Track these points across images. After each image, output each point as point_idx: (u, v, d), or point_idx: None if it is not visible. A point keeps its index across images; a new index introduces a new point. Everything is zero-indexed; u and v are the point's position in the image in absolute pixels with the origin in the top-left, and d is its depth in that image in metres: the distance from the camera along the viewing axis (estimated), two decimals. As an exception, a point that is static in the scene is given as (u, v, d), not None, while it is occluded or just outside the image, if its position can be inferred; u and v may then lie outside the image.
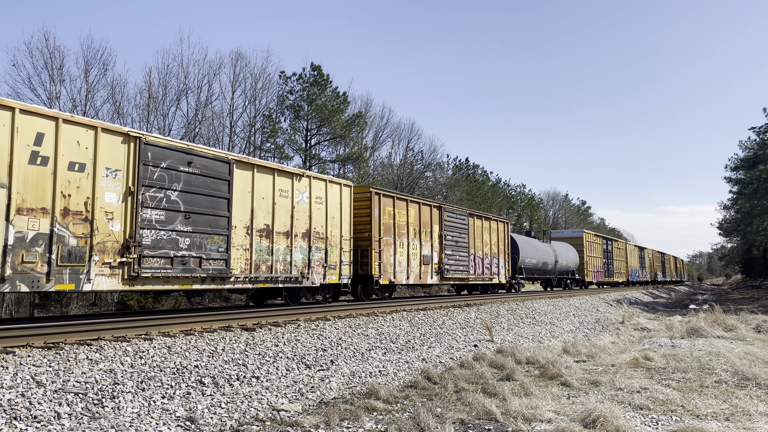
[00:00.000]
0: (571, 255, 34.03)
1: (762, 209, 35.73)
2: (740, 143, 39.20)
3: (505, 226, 25.89)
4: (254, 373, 7.76)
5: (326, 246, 14.82)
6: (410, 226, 18.52)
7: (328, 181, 15.19)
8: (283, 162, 28.35)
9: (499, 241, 24.97)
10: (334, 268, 15.13)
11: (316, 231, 14.55)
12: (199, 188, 11.36)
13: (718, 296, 45.20)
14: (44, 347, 7.31)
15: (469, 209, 23.58)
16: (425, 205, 19.71)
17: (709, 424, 6.27)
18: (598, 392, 7.98)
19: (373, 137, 35.99)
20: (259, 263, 12.75)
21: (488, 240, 23.96)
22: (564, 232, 40.04)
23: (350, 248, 15.75)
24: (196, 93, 25.45)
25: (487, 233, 23.91)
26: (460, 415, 6.57)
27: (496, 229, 24.87)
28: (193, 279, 11.14)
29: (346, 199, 15.85)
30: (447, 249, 20.55)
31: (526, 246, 28.44)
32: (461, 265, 21.50)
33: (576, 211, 78.08)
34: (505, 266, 25.52)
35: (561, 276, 33.27)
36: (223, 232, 11.77)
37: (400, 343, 11.12)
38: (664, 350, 11.57)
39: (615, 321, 20.12)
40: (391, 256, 17.40)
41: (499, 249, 25.04)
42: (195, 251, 11.13)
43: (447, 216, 20.80)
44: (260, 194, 12.88)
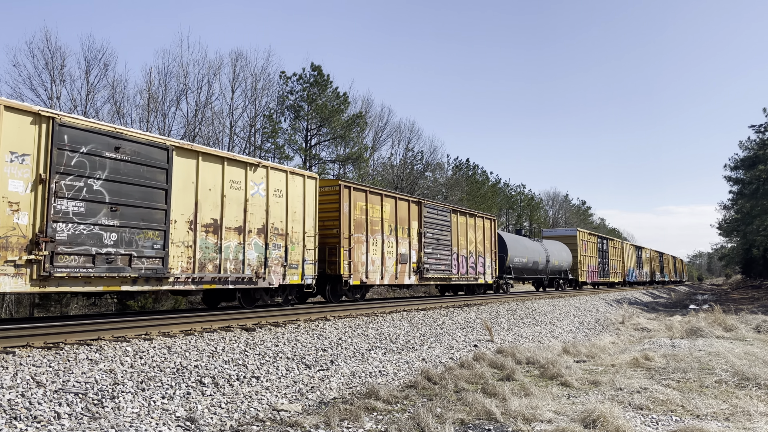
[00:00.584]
0: (564, 254, 32.95)
1: (762, 209, 35.73)
2: (740, 143, 39.19)
3: (491, 224, 24.69)
4: (254, 373, 7.76)
5: (286, 243, 13.55)
6: (385, 222, 17.35)
7: (290, 172, 13.91)
8: (283, 162, 28.36)
9: (485, 239, 23.78)
10: (296, 267, 13.86)
11: (275, 227, 13.28)
12: (129, 177, 10.05)
13: (718, 296, 45.22)
14: (44, 347, 7.31)
15: (452, 205, 22.45)
16: (402, 200, 18.53)
17: (709, 424, 6.27)
18: (598, 392, 7.98)
19: (373, 137, 36.03)
20: (205, 262, 11.49)
21: (473, 238, 22.73)
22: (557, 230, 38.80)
23: (315, 246, 14.54)
24: (196, 93, 25.48)
25: (472, 231, 22.71)
26: (460, 415, 6.57)
27: (482, 227, 23.69)
28: (122, 279, 9.87)
29: (311, 193, 14.55)
30: (427, 247, 19.40)
31: (514, 244, 27.27)
32: (443, 264, 20.34)
33: (576, 211, 78.12)
34: (491, 265, 24.29)
35: (553, 276, 32.16)
36: (159, 227, 10.51)
37: (400, 343, 11.12)
38: (664, 350, 11.57)
39: (615, 321, 20.12)
40: (362, 255, 16.23)
41: (486, 247, 23.82)
42: (124, 248, 9.85)
43: (427, 212, 19.66)
44: (206, 185, 11.63)
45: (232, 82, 27.23)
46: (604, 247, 40.80)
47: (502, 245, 26.05)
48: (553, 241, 33.46)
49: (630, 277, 47.62)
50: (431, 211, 19.96)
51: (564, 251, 33.08)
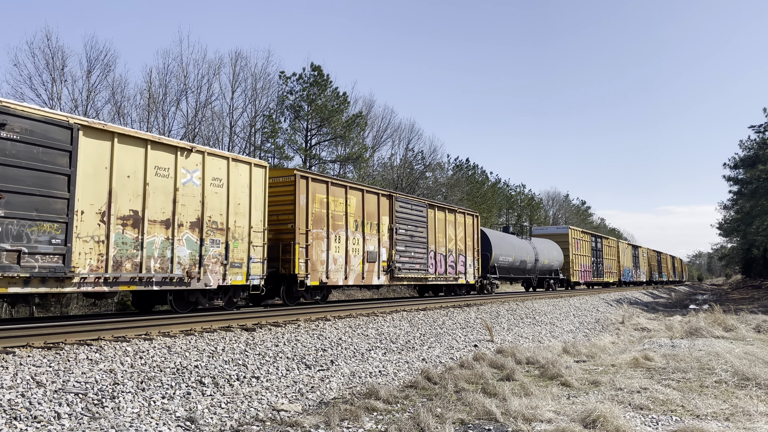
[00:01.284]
0: (555, 253, 31.46)
1: (762, 209, 35.72)
2: (740, 143, 39.16)
3: (474, 220, 23.07)
4: (254, 373, 7.76)
5: (227, 239, 12.08)
6: (350, 217, 15.84)
7: (232, 159, 12.42)
8: (283, 162, 28.38)
9: (466, 237, 22.16)
10: (240, 266, 12.41)
11: (213, 220, 11.84)
12: (18, 159, 8.60)
13: (718, 296, 45.23)
14: (44, 347, 7.31)
15: (429, 199, 21.05)
16: (371, 193, 16.98)
17: (709, 424, 6.27)
18: (598, 392, 7.98)
19: (374, 137, 36.04)
20: (122, 260, 10.04)
21: (453, 235, 21.13)
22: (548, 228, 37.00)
23: (264, 242, 13.03)
24: (196, 93, 25.48)
25: (452, 227, 21.09)
26: (460, 415, 6.57)
27: (463, 223, 22.03)
28: (8, 280, 8.45)
29: (259, 183, 13.09)
30: (399, 244, 17.84)
31: (500, 242, 25.79)
32: (418, 263, 18.78)
33: (576, 211, 78.13)
34: (474, 265, 22.72)
35: (543, 276, 30.64)
36: (59, 219, 9.04)
37: (400, 343, 11.12)
38: (664, 350, 11.57)
39: (615, 321, 20.12)
40: (323, 252, 14.76)
41: (467, 245, 22.16)
42: (10, 242, 8.41)
43: (399, 206, 18.13)
44: (124, 171, 10.23)
45: (232, 82, 27.25)
46: (598, 246, 39.28)
47: (486, 243, 24.62)
48: (542, 239, 32.15)
49: (626, 277, 46.34)
50: (404, 205, 18.47)
51: (555, 250, 31.69)
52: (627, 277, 46.43)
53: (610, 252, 42.68)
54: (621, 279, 44.56)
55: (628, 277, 46.68)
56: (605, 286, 41.63)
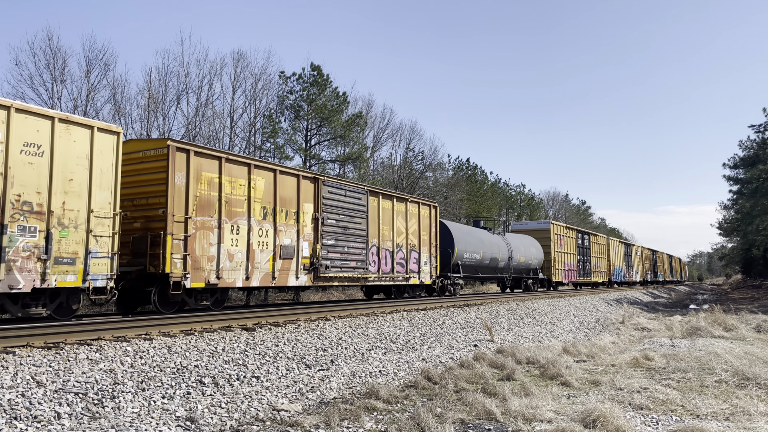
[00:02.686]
0: (533, 250, 28.68)
1: (762, 209, 35.71)
2: (740, 143, 39.14)
3: (431, 211, 20.20)
4: (254, 373, 7.76)
5: (49, 226, 9.20)
6: (255, 202, 12.94)
7: (60, 120, 9.48)
8: (283, 162, 28.42)
9: (421, 230, 19.35)
10: (71, 262, 9.50)
11: (24, 201, 8.94)
12: None
13: (718, 296, 45.23)
14: (44, 347, 7.32)
15: (371, 185, 18.16)
16: (287, 175, 14.02)
17: (709, 424, 6.27)
18: (598, 392, 7.98)
19: (374, 137, 36.04)
20: None
21: (403, 228, 18.36)
22: (528, 223, 33.57)
23: (114, 232, 10.17)
24: (197, 93, 25.49)
25: (402, 219, 18.33)
26: (461, 415, 6.57)
27: (417, 214, 19.18)
28: None
29: (107, 154, 10.17)
30: (327, 237, 14.97)
31: (464, 237, 22.80)
32: (354, 259, 15.90)
33: (576, 211, 78.14)
34: (430, 262, 19.92)
35: (518, 275, 27.81)
36: None
37: (400, 343, 11.12)
38: (664, 350, 11.57)
39: (615, 321, 20.12)
40: (211, 246, 11.89)
41: (422, 240, 19.36)
42: None
43: (328, 192, 15.17)
44: None
45: (233, 83, 27.26)
46: (585, 243, 36.46)
47: (448, 238, 21.59)
48: (520, 235, 29.39)
49: (617, 276, 43.66)
50: (335, 191, 15.49)
51: (533, 247, 28.95)
52: (618, 276, 44.05)
53: (599, 250, 40.21)
54: (611, 279, 42.29)
55: (619, 277, 44.29)
56: (594, 286, 39.30)
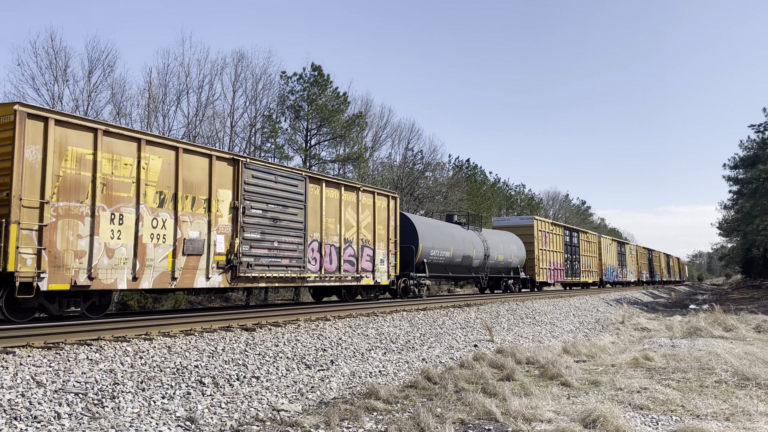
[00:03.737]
0: (513, 248, 26.59)
1: (762, 209, 35.72)
2: (740, 143, 39.15)
3: (390, 203, 17.94)
4: (254, 373, 7.76)
5: None
6: (148, 186, 10.75)
7: None
8: (283, 162, 28.42)
9: (376, 224, 17.15)
10: None
11: None
12: None
13: (718, 296, 45.23)
14: (44, 347, 7.32)
15: (311, 171, 15.63)
16: (194, 154, 11.70)
17: (709, 424, 6.27)
18: (598, 392, 7.98)
19: (373, 137, 36.04)
20: None
21: (354, 221, 16.17)
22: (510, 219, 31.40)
23: None
24: (197, 93, 25.50)
25: (352, 210, 16.13)
26: (460, 415, 6.57)
27: (372, 206, 16.97)
28: None
29: None
30: (251, 230, 12.81)
31: (431, 233, 20.42)
32: (287, 256, 13.69)
33: (576, 211, 78.14)
34: (388, 260, 17.71)
35: (496, 275, 25.75)
36: None
37: (400, 343, 11.13)
38: (664, 350, 11.57)
39: (615, 321, 20.12)
40: (81, 239, 9.73)
41: (377, 235, 17.17)
42: None
43: (252, 176, 12.92)
44: None
45: (233, 83, 27.27)
46: (573, 241, 34.20)
47: (411, 233, 19.35)
48: (499, 231, 27.49)
49: (609, 276, 41.60)
50: (262, 175, 13.21)
51: (514, 244, 26.90)
52: (610, 276, 42.01)
53: (590, 248, 38.08)
54: (603, 279, 40.39)
55: (611, 277, 42.25)
56: (584, 287, 37.57)
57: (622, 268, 45.89)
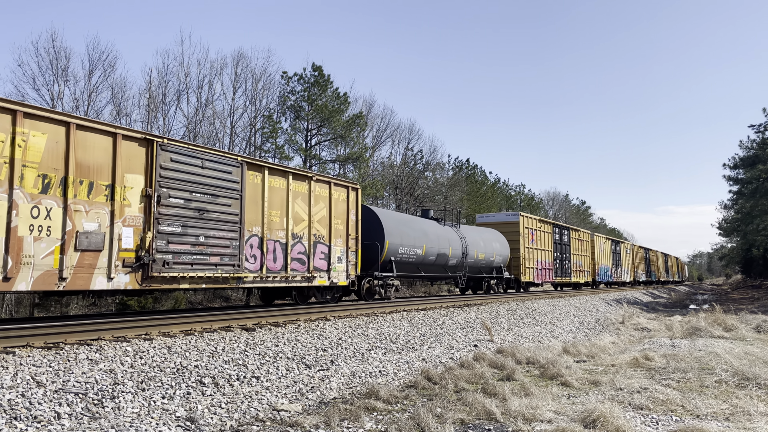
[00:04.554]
0: (496, 245, 24.87)
1: (762, 209, 35.71)
2: (740, 143, 39.15)
3: (349, 195, 15.99)
4: (254, 373, 7.76)
5: None
6: (25, 168, 8.91)
7: None
8: (283, 162, 28.42)
9: (333, 218, 15.24)
10: None
11: None
12: None
13: (718, 296, 45.22)
14: (44, 347, 7.32)
15: (248, 156, 13.22)
16: (93, 132, 9.88)
17: (709, 424, 6.27)
18: (598, 392, 7.98)
19: (374, 137, 36.07)
20: None
21: (304, 214, 14.27)
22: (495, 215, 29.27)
23: None
24: (197, 93, 25.51)
25: (303, 202, 14.24)
26: (460, 415, 6.57)
27: (327, 197, 15.11)
28: None
29: None
30: (168, 223, 10.91)
31: (399, 228, 18.48)
32: (218, 253, 11.81)
33: (576, 211, 78.15)
34: (347, 258, 15.81)
35: (476, 274, 24.07)
36: None
37: (400, 343, 11.13)
38: (664, 350, 11.57)
39: (615, 321, 20.13)
40: None
41: (335, 230, 15.30)
42: None
43: (172, 160, 11.05)
44: None
45: (233, 83, 27.27)
46: (563, 239, 32.47)
47: (376, 229, 17.61)
48: (480, 228, 25.90)
49: (603, 276, 39.92)
50: (184, 159, 11.32)
51: (496, 242, 25.16)
52: (604, 276, 40.39)
53: (582, 247, 36.27)
54: (596, 279, 38.77)
55: (605, 277, 40.61)
56: (575, 287, 35.91)
57: (617, 268, 44.41)
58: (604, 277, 40.21)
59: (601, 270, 39.56)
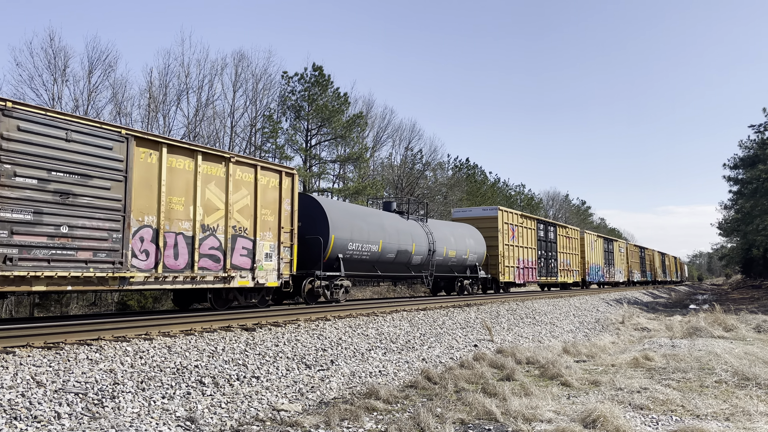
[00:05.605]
0: (470, 242, 22.45)
1: (762, 209, 35.72)
2: (740, 143, 39.15)
3: (283, 181, 13.55)
4: (254, 373, 7.76)
5: None
6: None
7: None
8: (283, 162, 28.41)
9: (260, 207, 12.88)
10: None
11: None
12: None
13: (718, 296, 45.22)
14: (44, 347, 7.32)
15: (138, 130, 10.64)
16: None
17: (709, 424, 6.27)
18: (598, 392, 7.98)
19: (374, 137, 36.08)
20: None
21: (220, 201, 11.96)
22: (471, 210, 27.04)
23: None
24: (197, 93, 25.52)
25: (218, 188, 11.95)
26: (460, 415, 6.57)
27: (252, 184, 12.77)
28: None
29: None
30: (10, 208, 8.69)
31: (349, 221, 16.09)
32: (89, 248, 9.59)
33: (576, 211, 78.17)
34: (278, 254, 13.38)
35: (447, 274, 21.67)
36: None
37: (400, 343, 11.13)
38: (664, 350, 11.57)
39: (615, 321, 20.13)
40: None
41: (261, 221, 12.92)
42: None
43: (19, 129, 8.80)
44: None
45: (234, 83, 27.28)
46: (549, 236, 30.44)
47: (320, 221, 15.20)
48: (452, 223, 23.68)
49: (593, 276, 37.67)
50: (39, 128, 9.08)
51: (470, 238, 22.70)
52: (595, 276, 38.13)
53: (570, 244, 33.76)
54: (585, 279, 36.51)
55: (596, 277, 38.37)
56: (563, 287, 33.92)
57: (610, 267, 42.22)
58: (595, 276, 38.20)
59: (591, 269, 37.49)
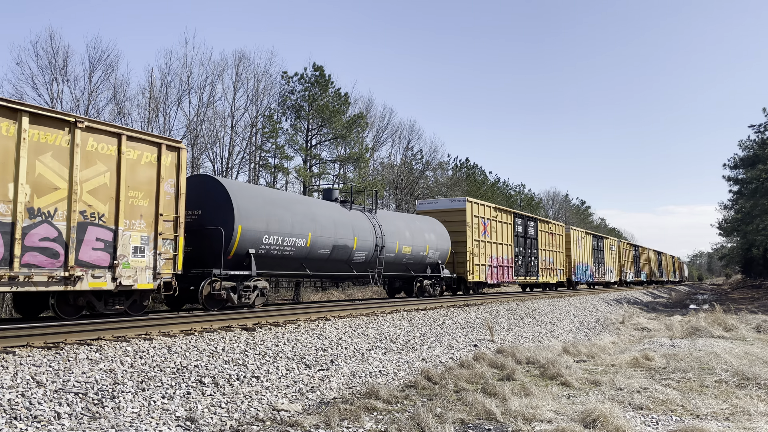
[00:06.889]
0: (431, 237, 19.71)
1: (762, 209, 35.72)
2: (740, 143, 39.17)
3: (162, 156, 10.96)
4: (254, 373, 7.76)
5: None
6: None
7: None
8: (283, 162, 28.40)
9: (127, 189, 10.34)
10: None
11: None
12: None
13: (718, 296, 45.21)
14: (44, 347, 7.31)
15: None
16: None
17: (709, 424, 6.27)
18: (598, 392, 7.98)
19: (374, 137, 36.08)
20: None
21: (59, 179, 9.32)
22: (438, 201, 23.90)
23: None
24: (199, 93, 25.53)
25: (56, 162, 9.29)
26: (460, 415, 6.57)
27: (115, 158, 10.18)
28: None
29: None
30: None
31: (264, 209, 13.41)
32: None
33: (576, 210, 78.18)
34: (156, 248, 10.81)
35: (401, 273, 18.95)
36: None
37: (400, 343, 11.13)
38: (664, 350, 11.57)
39: (615, 321, 20.13)
40: None
41: (129, 207, 10.41)
42: None
43: None
44: None
45: (235, 83, 27.29)
46: (528, 232, 27.36)
47: (222, 207, 12.59)
48: (411, 216, 21.28)
49: (580, 276, 34.86)
50: None
51: (431, 232, 19.98)
52: (582, 276, 35.29)
53: (554, 241, 30.94)
54: (571, 279, 33.64)
55: (583, 276, 35.54)
56: (545, 288, 31.48)
57: (599, 266, 39.33)
58: (582, 276, 35.33)
59: (578, 268, 34.70)
